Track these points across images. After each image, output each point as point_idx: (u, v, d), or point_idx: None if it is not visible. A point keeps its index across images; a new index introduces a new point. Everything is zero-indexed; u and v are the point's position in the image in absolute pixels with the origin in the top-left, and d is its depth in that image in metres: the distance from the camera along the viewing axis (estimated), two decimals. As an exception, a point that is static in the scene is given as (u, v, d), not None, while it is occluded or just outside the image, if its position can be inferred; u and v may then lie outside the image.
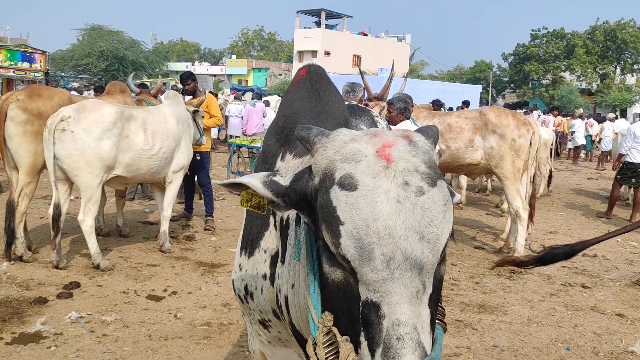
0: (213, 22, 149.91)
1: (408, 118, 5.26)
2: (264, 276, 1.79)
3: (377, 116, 3.50)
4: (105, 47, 32.45)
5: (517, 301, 5.19)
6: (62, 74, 35.47)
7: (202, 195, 7.36)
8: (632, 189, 9.50)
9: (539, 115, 21.08)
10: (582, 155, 19.87)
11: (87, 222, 5.15)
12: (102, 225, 6.42)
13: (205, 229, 7.04)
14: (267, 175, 1.34)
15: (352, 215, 1.10)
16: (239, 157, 10.05)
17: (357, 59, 45.51)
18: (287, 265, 1.62)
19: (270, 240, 1.80)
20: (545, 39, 47.73)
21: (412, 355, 1.04)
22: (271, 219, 1.80)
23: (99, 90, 9.70)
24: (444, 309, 1.47)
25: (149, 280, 5.12)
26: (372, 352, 1.09)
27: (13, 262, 5.28)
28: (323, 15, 45.77)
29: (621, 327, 4.72)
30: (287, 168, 1.76)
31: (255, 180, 1.33)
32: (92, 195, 5.09)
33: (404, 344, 1.05)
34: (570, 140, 18.78)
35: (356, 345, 1.13)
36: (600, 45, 45.58)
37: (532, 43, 47.92)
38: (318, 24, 46.36)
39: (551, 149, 11.85)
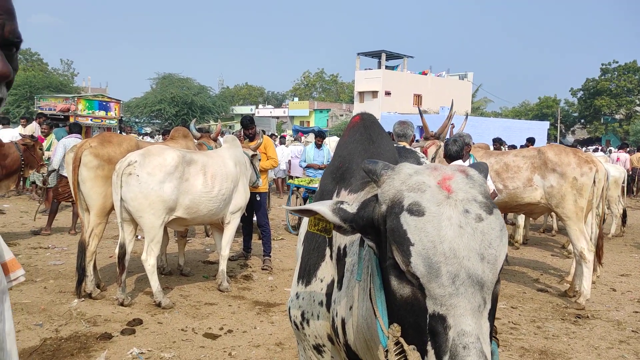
0: (276, 67, 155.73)
1: (460, 158, 5.23)
2: (320, 303, 1.96)
3: (423, 157, 3.60)
4: (175, 94, 34.43)
5: (582, 348, 4.92)
6: (137, 119, 37.72)
7: (261, 235, 7.54)
8: None
9: (610, 152, 20.06)
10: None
11: (150, 262, 5.41)
12: (164, 264, 6.70)
13: (262, 269, 7.18)
14: (335, 203, 1.50)
15: (421, 238, 1.23)
16: (297, 198, 10.23)
17: (418, 99, 45.56)
18: (345, 290, 1.78)
19: (326, 270, 1.97)
20: (616, 72, 46.03)
21: None
22: (327, 250, 1.98)
23: (166, 134, 10.30)
24: (495, 327, 1.56)
25: (207, 319, 5.27)
26: (440, 359, 1.19)
27: (83, 299, 5.59)
28: (383, 56, 46.41)
29: (700, 379, 4.37)
30: None
31: (325, 208, 1.48)
32: (154, 236, 5.36)
33: (469, 352, 1.15)
34: None
35: (423, 354, 1.24)
36: (679, 77, 43.42)
37: (603, 77, 46.31)
38: (379, 65, 46.99)
39: (623, 187, 11.31)
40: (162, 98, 34.59)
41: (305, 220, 2.53)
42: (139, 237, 6.53)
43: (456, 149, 5.13)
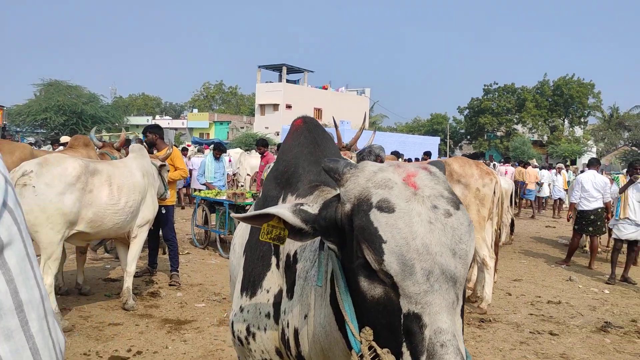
0: (174, 77, 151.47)
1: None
2: (268, 315, 1.86)
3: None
4: (63, 102, 32.06)
5: (488, 350, 5.18)
6: (18, 129, 34.72)
7: (167, 250, 7.18)
8: (589, 236, 9.78)
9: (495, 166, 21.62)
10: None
11: (46, 281, 4.91)
12: (60, 283, 6.14)
13: (170, 285, 6.83)
14: (295, 205, 1.43)
15: (393, 235, 1.18)
16: (203, 210, 9.91)
17: (318, 112, 46.39)
18: (298, 298, 1.69)
19: (272, 280, 1.87)
20: (497, 93, 49.96)
21: None
22: (273, 259, 1.88)
23: (56, 143, 9.54)
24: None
25: (112, 340, 4.89)
26: None
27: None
28: (284, 70, 46.84)
29: (591, 373, 4.76)
30: None
31: (284, 210, 1.41)
32: (52, 253, 4.89)
33: (447, 349, 1.11)
34: (539, 191, 19.02)
35: (398, 356, 1.18)
36: (549, 100, 47.97)
37: (485, 97, 50.05)
38: (279, 78, 47.31)
39: (511, 198, 12.21)
40: (48, 106, 31.98)
41: (240, 230, 2.40)
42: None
43: (373, 160, 5.25)
